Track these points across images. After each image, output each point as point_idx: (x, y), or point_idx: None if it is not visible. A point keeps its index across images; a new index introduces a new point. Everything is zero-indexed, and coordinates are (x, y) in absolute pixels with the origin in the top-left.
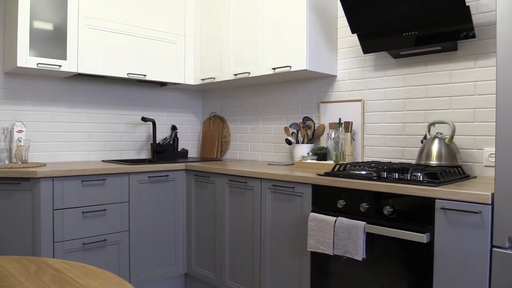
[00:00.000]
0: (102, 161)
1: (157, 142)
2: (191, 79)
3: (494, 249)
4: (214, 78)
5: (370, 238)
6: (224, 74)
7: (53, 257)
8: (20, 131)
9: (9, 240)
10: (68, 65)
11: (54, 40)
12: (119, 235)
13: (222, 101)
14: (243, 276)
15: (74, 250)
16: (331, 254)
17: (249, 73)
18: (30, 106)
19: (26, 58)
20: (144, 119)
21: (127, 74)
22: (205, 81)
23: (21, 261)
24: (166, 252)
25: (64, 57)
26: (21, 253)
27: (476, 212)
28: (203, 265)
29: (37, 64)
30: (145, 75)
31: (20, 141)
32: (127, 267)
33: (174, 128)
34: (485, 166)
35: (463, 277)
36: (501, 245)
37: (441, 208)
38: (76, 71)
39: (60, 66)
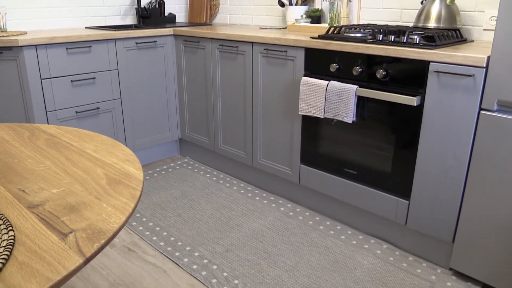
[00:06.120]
0: (86, 27)
1: (142, 6)
2: None
3: (481, 112)
4: None
5: (361, 102)
6: None
7: None
8: None
9: (1, 113)
10: None
11: None
12: (111, 103)
13: None
14: (236, 139)
15: (68, 118)
16: (322, 117)
17: None
18: None
19: None
20: None
21: None
22: None
23: (14, 127)
24: (160, 119)
25: None
26: None
27: (469, 75)
28: (196, 131)
29: None
30: None
31: None
32: (122, 134)
33: None
34: (484, 29)
35: (447, 139)
36: (489, 108)
37: (435, 72)
38: None
39: None
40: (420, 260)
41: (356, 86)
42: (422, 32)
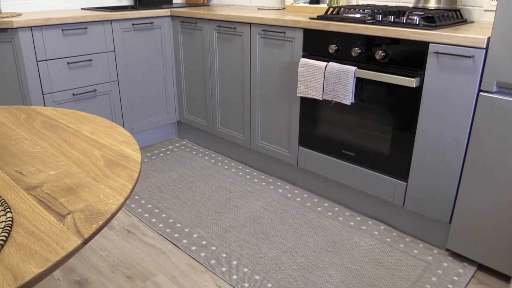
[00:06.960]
0: (82, 8)
1: None
2: None
3: (481, 93)
4: None
5: (360, 83)
6: None
7: None
8: None
9: None
10: None
11: None
12: (108, 85)
13: None
14: (234, 122)
15: (65, 101)
16: (320, 99)
17: None
18: None
19: None
20: None
21: None
22: None
23: (10, 110)
24: (157, 101)
25: None
26: None
27: (469, 57)
28: (194, 113)
29: None
30: None
31: None
32: (120, 116)
33: None
34: (485, 10)
35: (446, 120)
36: (489, 89)
37: (434, 53)
38: None
39: None
40: (417, 241)
41: (355, 68)
42: (422, 13)
